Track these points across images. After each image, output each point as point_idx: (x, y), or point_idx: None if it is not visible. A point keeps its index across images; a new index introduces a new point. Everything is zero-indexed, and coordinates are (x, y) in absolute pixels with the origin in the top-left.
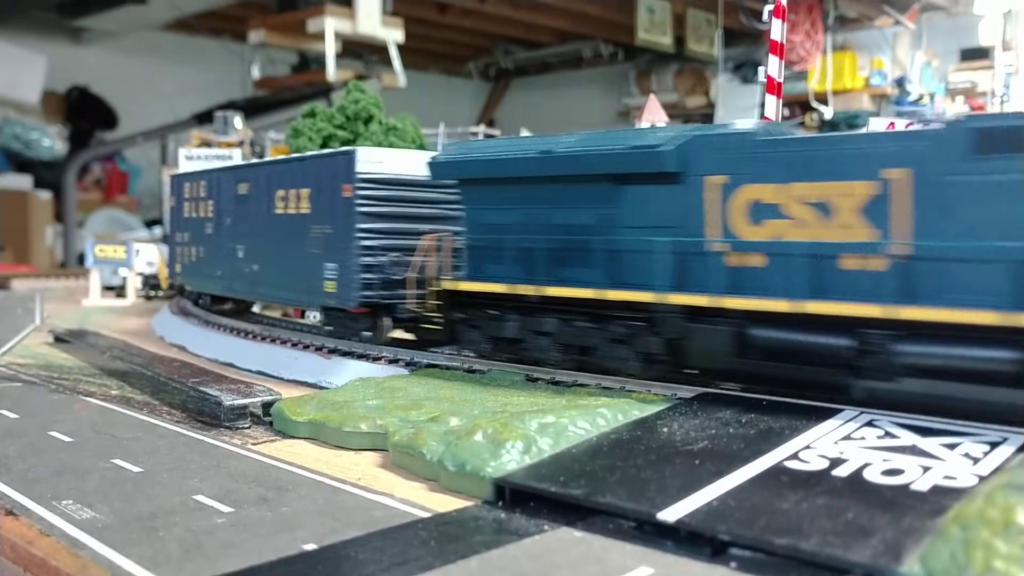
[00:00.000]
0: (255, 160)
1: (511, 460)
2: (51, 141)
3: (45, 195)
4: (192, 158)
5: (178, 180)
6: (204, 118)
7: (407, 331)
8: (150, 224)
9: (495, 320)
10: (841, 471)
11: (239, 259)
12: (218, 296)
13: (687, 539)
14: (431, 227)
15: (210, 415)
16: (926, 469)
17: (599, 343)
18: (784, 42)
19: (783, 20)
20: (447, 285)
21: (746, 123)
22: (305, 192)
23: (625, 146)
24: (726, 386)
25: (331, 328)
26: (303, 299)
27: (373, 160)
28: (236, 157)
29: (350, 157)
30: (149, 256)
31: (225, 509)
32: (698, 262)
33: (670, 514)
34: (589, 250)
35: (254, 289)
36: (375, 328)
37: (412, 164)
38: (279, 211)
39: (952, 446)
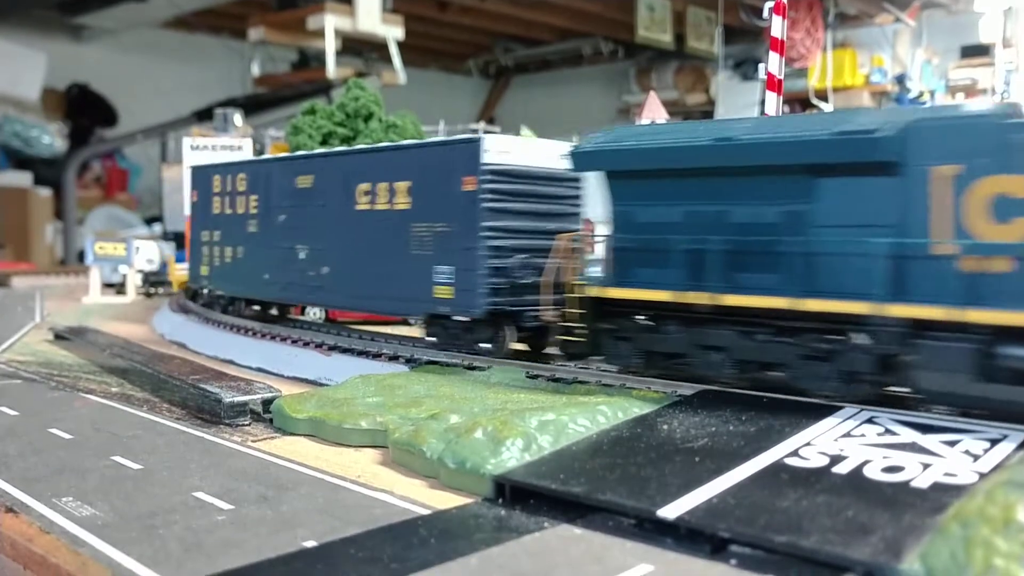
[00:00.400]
0: (321, 150)
1: (511, 457)
2: (51, 138)
3: (45, 192)
4: (198, 148)
5: (204, 172)
6: (204, 115)
7: (522, 341)
8: (150, 221)
9: (651, 332)
10: (841, 468)
11: (300, 261)
12: (256, 301)
13: (687, 536)
14: (556, 226)
15: (210, 412)
16: (926, 466)
17: (790, 359)
18: (784, 39)
19: (783, 17)
20: (593, 292)
21: (981, 104)
22: (403, 185)
23: (830, 132)
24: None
25: (435, 339)
26: (402, 307)
27: (501, 149)
28: (246, 148)
29: (475, 146)
30: (149, 253)
31: (225, 507)
32: (920, 267)
33: (670, 511)
34: (774, 252)
35: (324, 295)
36: (495, 339)
37: (539, 155)
38: (362, 207)
39: (952, 443)
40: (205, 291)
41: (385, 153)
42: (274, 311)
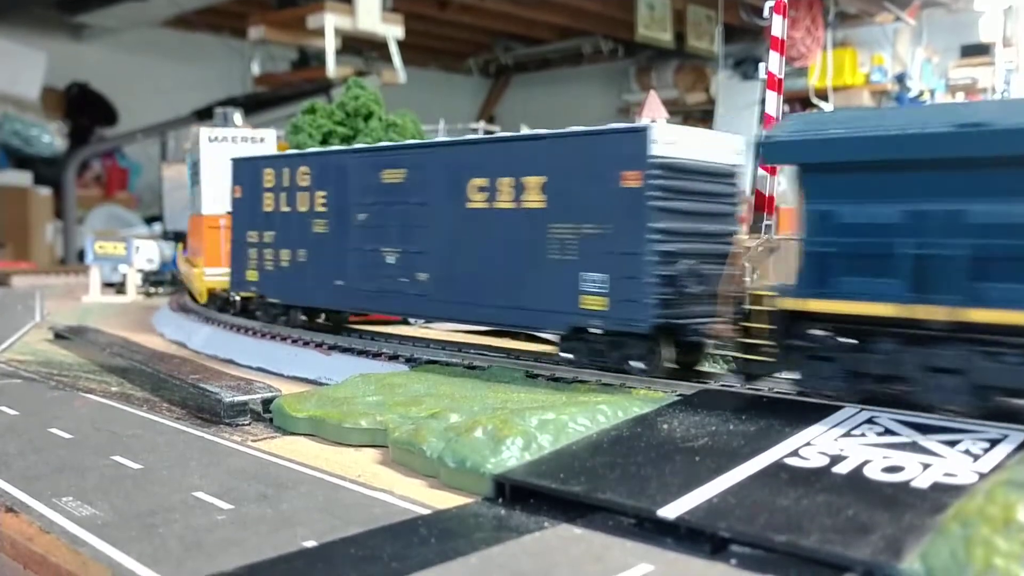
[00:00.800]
0: (416, 140)
1: (511, 456)
2: (51, 137)
3: (45, 192)
4: (216, 140)
5: (251, 165)
6: (204, 114)
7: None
8: (150, 220)
9: (858, 351)
10: (841, 468)
11: (387, 266)
12: (315, 310)
13: (687, 536)
14: (716, 227)
15: (210, 412)
16: (926, 466)
17: None
18: (785, 38)
19: (784, 16)
20: (788, 304)
21: None
22: (535, 181)
23: None
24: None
25: (572, 355)
26: (534, 319)
27: (668, 140)
28: (269, 140)
29: (640, 136)
30: (149, 253)
31: (225, 506)
32: None
33: (670, 511)
34: None
35: (424, 305)
36: (649, 355)
37: (702, 146)
38: (476, 205)
39: (952, 443)
40: (237, 299)
41: (509, 144)
42: (321, 318)
